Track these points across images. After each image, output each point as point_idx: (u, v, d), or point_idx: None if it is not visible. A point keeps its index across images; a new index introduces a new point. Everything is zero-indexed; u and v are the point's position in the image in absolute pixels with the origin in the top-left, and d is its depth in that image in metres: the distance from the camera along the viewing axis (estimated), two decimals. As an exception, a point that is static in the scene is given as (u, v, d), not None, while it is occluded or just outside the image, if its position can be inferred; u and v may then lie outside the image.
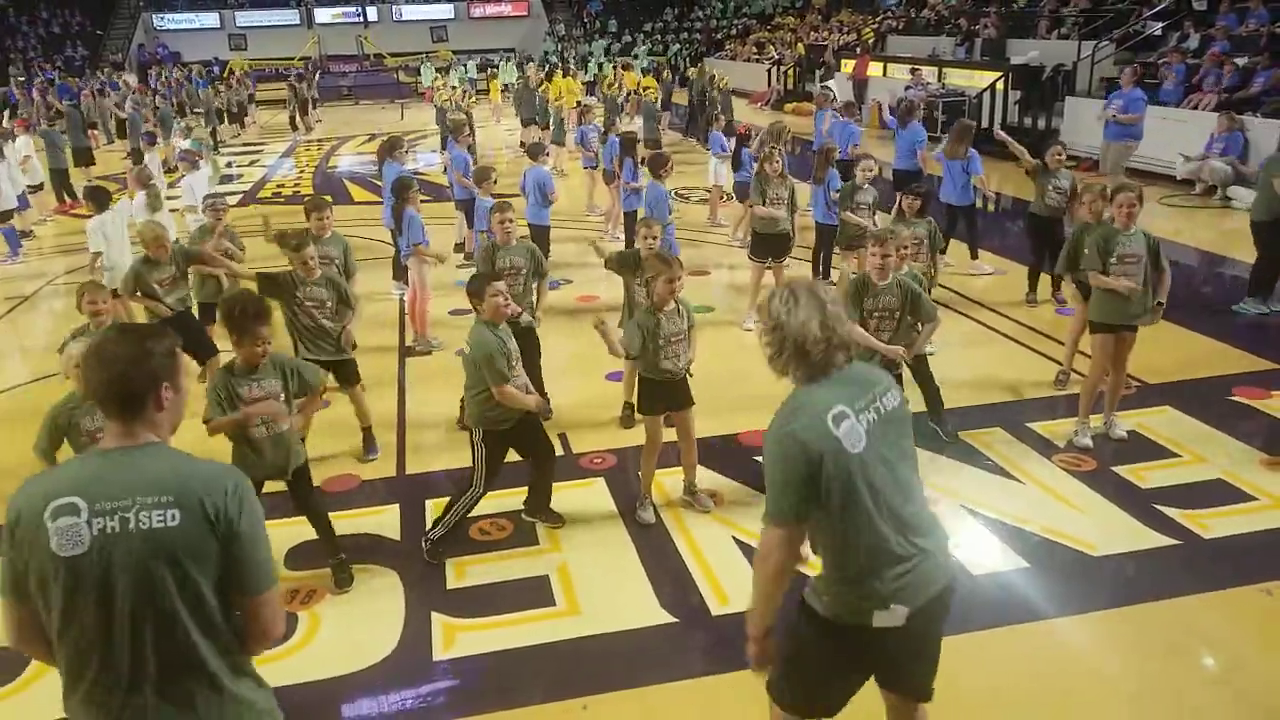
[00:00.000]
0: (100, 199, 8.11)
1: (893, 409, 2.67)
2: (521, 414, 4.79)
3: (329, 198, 7.32)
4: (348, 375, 6.04)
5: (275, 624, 2.25)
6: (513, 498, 5.30)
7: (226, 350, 4.68)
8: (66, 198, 14.93)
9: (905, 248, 5.62)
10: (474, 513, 5.15)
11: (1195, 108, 13.55)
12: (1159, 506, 5.06)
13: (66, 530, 2.06)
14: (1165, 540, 4.78)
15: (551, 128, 16.87)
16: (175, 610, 2.11)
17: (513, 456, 4.96)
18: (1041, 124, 16.02)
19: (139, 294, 6.67)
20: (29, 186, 13.48)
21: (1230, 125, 12.35)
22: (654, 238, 6.00)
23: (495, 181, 8.29)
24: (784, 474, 2.55)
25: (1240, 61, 13.70)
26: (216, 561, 2.13)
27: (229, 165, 18.93)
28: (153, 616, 2.10)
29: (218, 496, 2.12)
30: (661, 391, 5.08)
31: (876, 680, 2.91)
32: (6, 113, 22.96)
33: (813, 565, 2.80)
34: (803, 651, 2.88)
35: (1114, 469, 5.50)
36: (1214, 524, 4.89)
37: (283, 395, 4.42)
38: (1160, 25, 16.56)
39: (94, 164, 17.44)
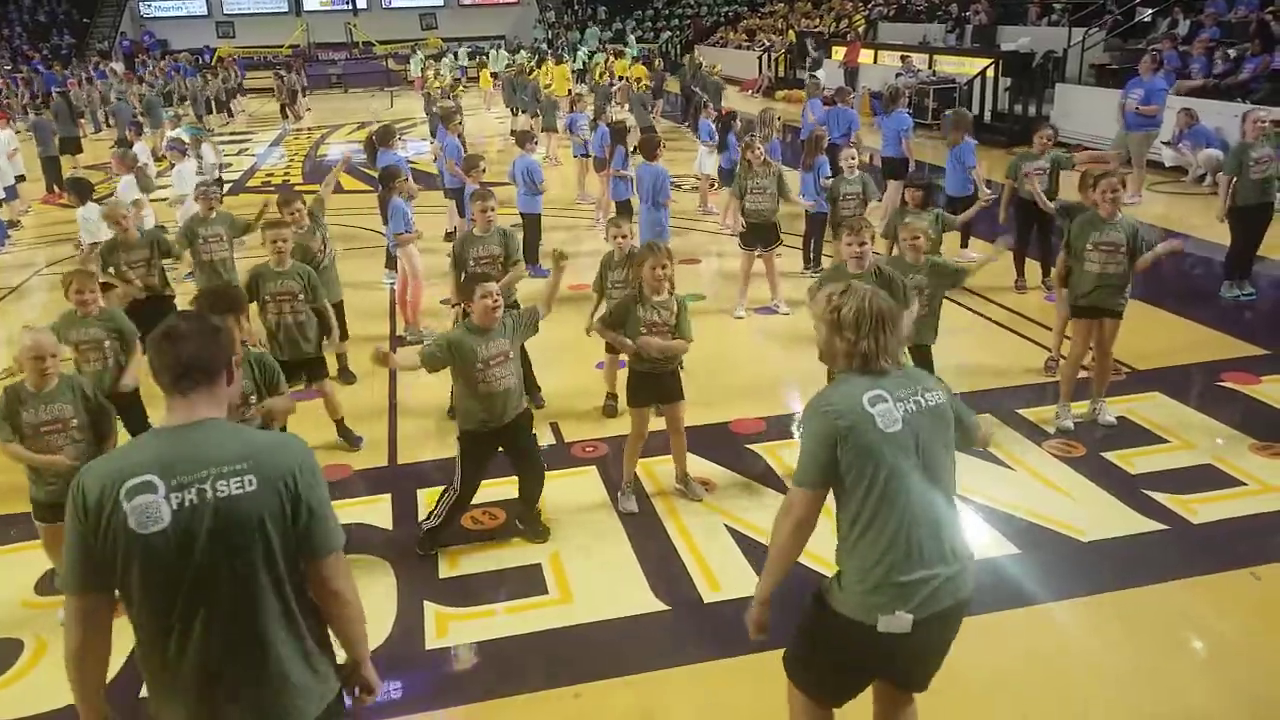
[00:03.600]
0: (81, 190, 8.04)
1: (935, 404, 2.71)
2: (507, 421, 4.69)
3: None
4: (318, 373, 5.98)
5: (345, 584, 2.34)
6: (505, 486, 5.29)
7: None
8: (56, 187, 14.83)
9: (917, 238, 5.57)
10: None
11: (1181, 94, 13.55)
12: (1148, 492, 5.09)
13: (145, 508, 2.11)
14: (1154, 525, 4.80)
15: (542, 116, 16.81)
16: (255, 575, 2.19)
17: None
18: (1032, 110, 16.02)
19: (109, 270, 6.63)
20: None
21: (1189, 121, 12.35)
22: (624, 236, 5.97)
23: (484, 170, 8.26)
24: (811, 439, 2.66)
25: (1231, 52, 13.69)
26: (290, 524, 2.22)
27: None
28: (233, 583, 2.17)
29: (290, 463, 2.22)
30: (650, 383, 5.07)
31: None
32: None
33: (824, 562, 2.81)
34: (813, 637, 2.90)
35: (1103, 454, 5.52)
36: (1202, 509, 4.92)
37: (254, 396, 4.33)
38: (1150, 11, 16.56)
39: (81, 152, 17.32)
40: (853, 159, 8.25)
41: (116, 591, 2.20)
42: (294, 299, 5.75)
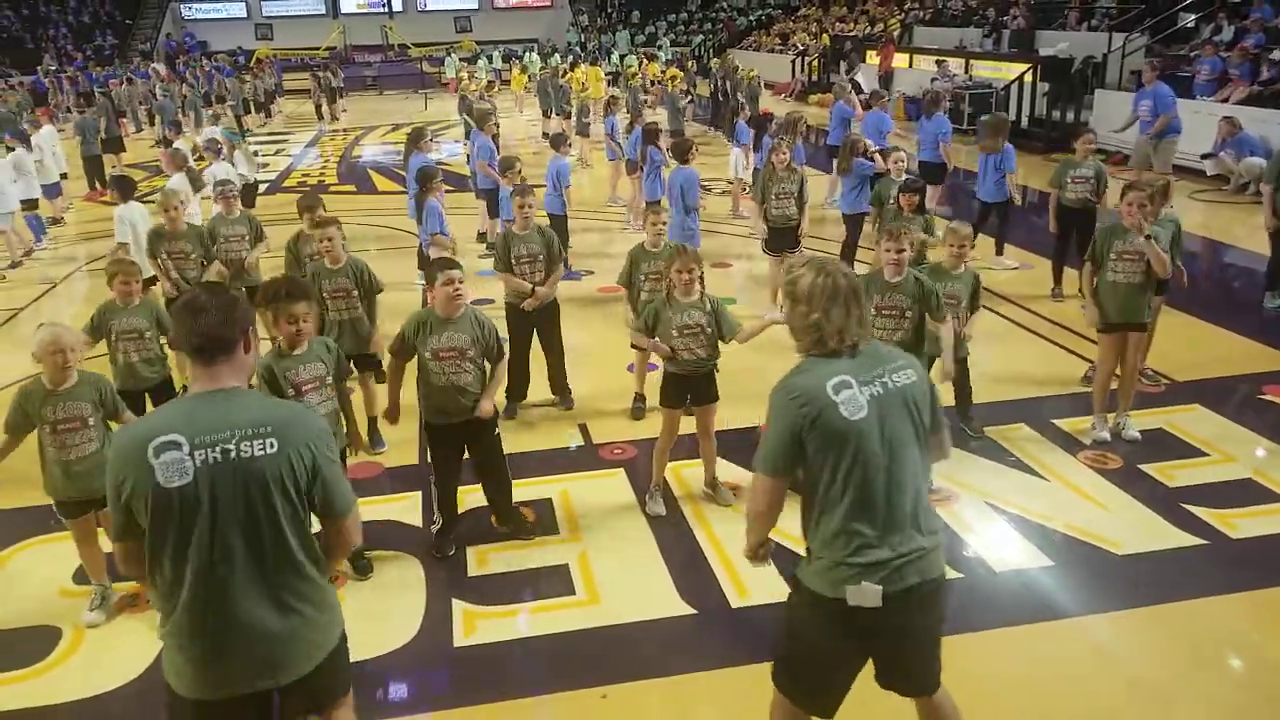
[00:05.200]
0: (125, 188, 8.16)
1: (903, 385, 2.69)
2: (464, 416, 4.61)
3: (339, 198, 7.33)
4: (368, 367, 6.04)
5: (355, 537, 2.65)
6: (532, 487, 5.35)
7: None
8: (98, 184, 15.10)
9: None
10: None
11: (1226, 100, 13.33)
12: (1186, 505, 5.00)
13: (171, 464, 2.33)
14: (1192, 540, 4.72)
15: (574, 118, 16.85)
16: (269, 529, 2.42)
17: (532, 445, 4.94)
18: (1071, 117, 15.83)
19: (158, 259, 6.82)
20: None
21: (1232, 129, 12.13)
22: (662, 224, 5.99)
23: (520, 171, 8.28)
24: (775, 427, 2.69)
25: (1275, 56, 13.45)
26: (303, 488, 2.46)
27: (255, 154, 19.06)
28: (248, 536, 2.40)
29: (308, 434, 2.47)
30: (684, 384, 5.06)
31: (876, 677, 2.91)
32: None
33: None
34: (794, 628, 2.92)
35: (1141, 467, 5.43)
36: (1242, 524, 4.82)
37: (330, 379, 4.34)
38: (1194, 17, 16.30)
39: (124, 151, 17.62)
40: (901, 161, 8.18)
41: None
42: (348, 295, 5.77)
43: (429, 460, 4.82)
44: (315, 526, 2.62)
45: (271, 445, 2.38)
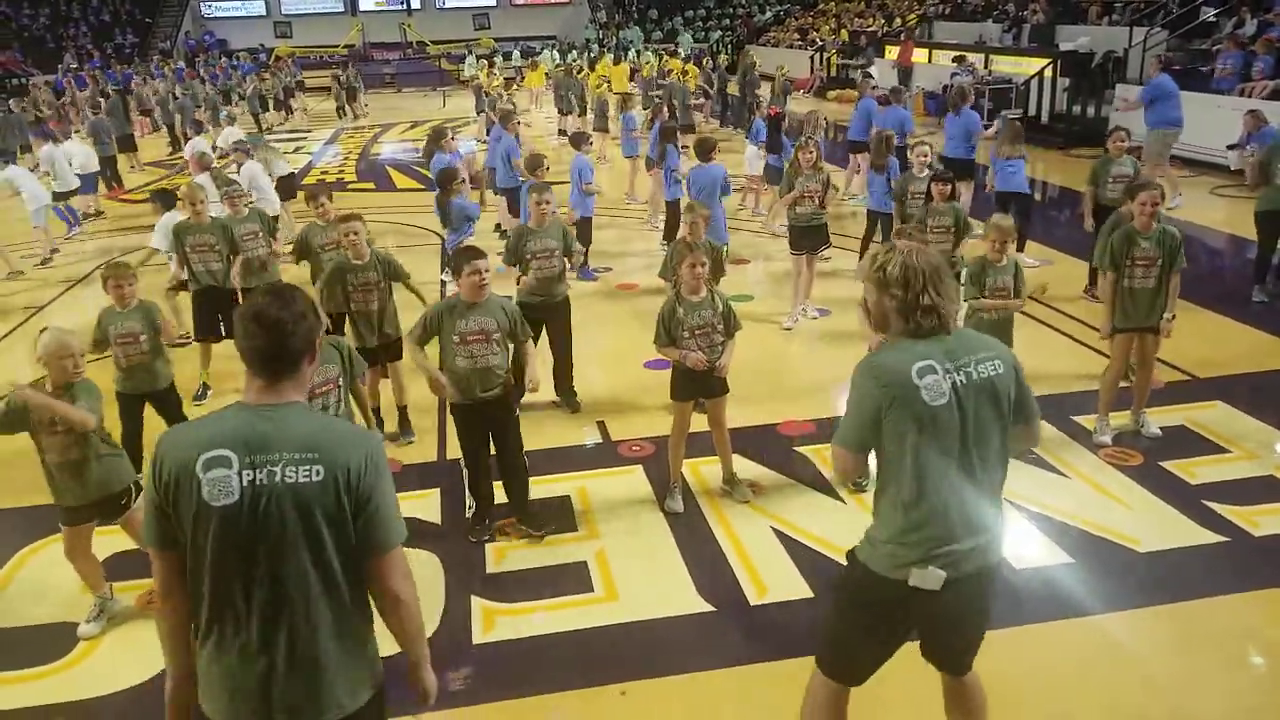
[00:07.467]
0: (167, 201, 8.21)
1: (987, 377, 2.64)
2: (485, 395, 4.75)
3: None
4: (393, 354, 6.13)
5: (402, 585, 2.33)
6: (550, 484, 5.37)
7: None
8: (114, 184, 15.24)
9: (926, 241, 5.42)
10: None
11: (1250, 95, 13.17)
12: (1208, 502, 4.96)
13: (219, 481, 2.19)
14: (1214, 537, 4.69)
15: (592, 115, 16.85)
16: (309, 562, 2.23)
17: (550, 442, 4.96)
18: (1091, 112, 15.69)
19: (183, 250, 6.92)
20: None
21: (1257, 123, 12.00)
22: (699, 221, 5.78)
23: (548, 169, 8.28)
24: (856, 403, 2.67)
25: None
26: (349, 518, 2.25)
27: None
28: (287, 565, 2.22)
29: (357, 459, 2.26)
30: (693, 378, 5.03)
31: (921, 649, 2.95)
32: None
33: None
34: (843, 605, 2.94)
35: (1162, 464, 5.40)
36: (1264, 521, 4.78)
37: (341, 380, 4.38)
38: (1215, 11, 16.12)
39: (136, 150, 17.75)
40: (925, 157, 8.12)
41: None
42: (376, 287, 5.90)
43: (460, 446, 4.89)
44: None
45: (317, 472, 2.21)
